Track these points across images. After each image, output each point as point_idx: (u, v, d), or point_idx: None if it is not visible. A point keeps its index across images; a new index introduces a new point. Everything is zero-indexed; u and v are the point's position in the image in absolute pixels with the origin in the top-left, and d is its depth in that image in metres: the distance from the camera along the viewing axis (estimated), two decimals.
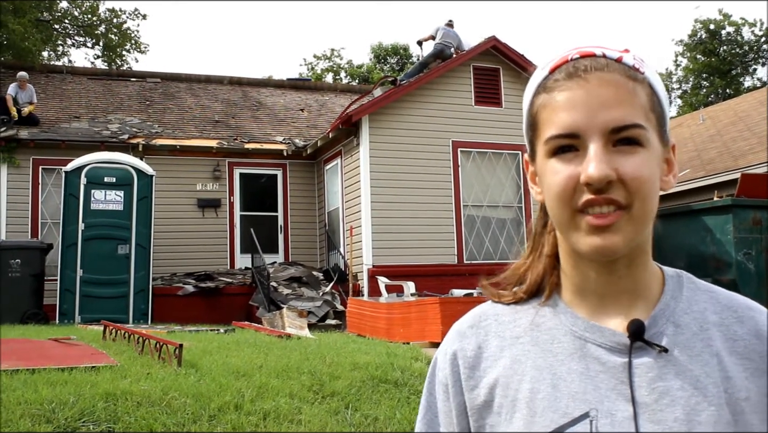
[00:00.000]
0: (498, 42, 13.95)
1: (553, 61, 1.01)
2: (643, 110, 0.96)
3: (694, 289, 1.05)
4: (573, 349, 1.01)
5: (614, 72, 0.97)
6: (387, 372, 5.74)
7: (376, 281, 12.22)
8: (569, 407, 0.96)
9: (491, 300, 1.13)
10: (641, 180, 0.94)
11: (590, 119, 0.94)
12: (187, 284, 13.03)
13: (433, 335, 8.16)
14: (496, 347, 1.06)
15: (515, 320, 1.08)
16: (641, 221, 0.96)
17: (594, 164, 0.93)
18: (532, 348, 1.03)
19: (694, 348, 0.98)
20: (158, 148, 14.52)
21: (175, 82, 18.75)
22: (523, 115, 1.08)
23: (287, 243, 15.35)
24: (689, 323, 1.00)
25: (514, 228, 13.83)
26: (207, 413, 4.44)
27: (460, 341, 1.10)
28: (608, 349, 0.99)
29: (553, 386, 0.99)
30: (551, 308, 1.06)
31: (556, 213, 0.99)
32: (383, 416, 4.79)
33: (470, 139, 13.66)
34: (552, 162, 0.98)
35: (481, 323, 1.10)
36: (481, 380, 1.05)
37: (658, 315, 1.00)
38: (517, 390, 1.01)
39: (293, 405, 4.77)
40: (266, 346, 7.08)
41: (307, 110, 18.45)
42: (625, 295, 1.02)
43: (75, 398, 4.36)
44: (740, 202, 8.87)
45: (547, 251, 1.10)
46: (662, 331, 0.99)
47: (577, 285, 1.04)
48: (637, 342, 0.97)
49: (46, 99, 15.99)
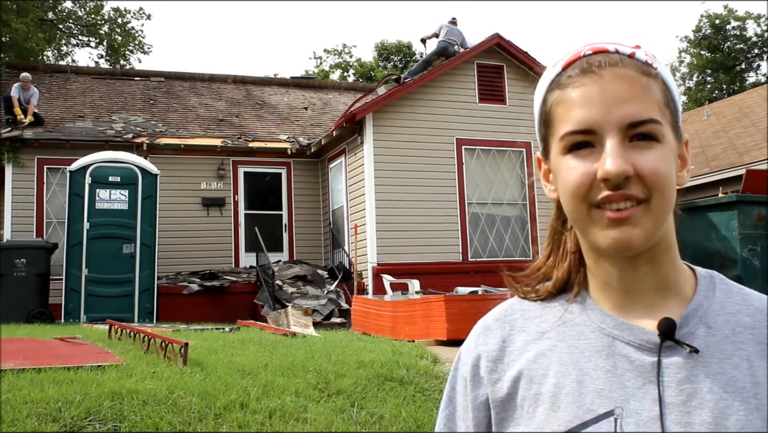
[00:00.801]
0: (502, 39, 13.93)
1: (566, 58, 1.01)
2: (657, 105, 0.96)
3: (726, 290, 1.03)
4: (601, 346, 1.00)
5: (628, 67, 0.96)
6: (392, 370, 5.74)
7: (381, 279, 12.21)
8: (594, 403, 0.95)
9: (518, 297, 1.12)
10: (659, 175, 0.93)
11: (606, 115, 0.94)
12: (192, 282, 13.05)
13: (439, 332, 8.16)
14: (522, 341, 1.06)
15: (542, 315, 1.07)
16: (660, 214, 0.95)
17: (611, 160, 0.92)
18: (559, 343, 1.02)
19: (725, 351, 0.96)
20: (162, 148, 14.53)
21: (179, 81, 18.76)
22: (535, 113, 1.07)
23: (292, 241, 15.36)
24: (721, 325, 0.98)
25: (519, 226, 13.82)
26: (213, 411, 4.45)
27: (485, 335, 1.09)
28: (637, 347, 0.97)
29: (579, 381, 0.98)
30: (579, 305, 1.05)
31: (572, 209, 0.98)
32: (389, 414, 4.79)
33: (474, 137, 13.65)
34: (567, 159, 0.97)
35: (508, 317, 1.10)
36: (504, 373, 1.04)
37: (690, 315, 0.99)
38: (541, 384, 1.00)
39: (299, 403, 4.78)
40: (271, 344, 7.08)
41: (311, 109, 18.45)
42: (651, 292, 1.00)
43: (81, 397, 4.37)
44: (745, 199, 8.85)
45: (570, 248, 1.09)
46: (693, 331, 0.97)
47: (601, 282, 1.03)
48: (667, 341, 0.96)
49: (50, 99, 16.02)
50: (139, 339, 6.73)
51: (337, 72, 39.91)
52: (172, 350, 5.79)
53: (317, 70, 39.49)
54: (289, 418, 4.52)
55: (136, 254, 11.88)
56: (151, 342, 6.30)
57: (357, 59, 40.54)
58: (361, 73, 38.29)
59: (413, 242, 12.90)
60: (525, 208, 13.88)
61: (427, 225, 13.04)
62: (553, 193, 1.05)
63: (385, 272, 12.30)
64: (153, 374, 5.15)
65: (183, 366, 5.45)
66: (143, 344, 6.46)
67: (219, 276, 13.56)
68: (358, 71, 39.02)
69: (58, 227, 13.40)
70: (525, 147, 13.87)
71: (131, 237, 11.90)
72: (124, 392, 4.53)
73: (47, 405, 4.23)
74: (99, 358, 5.80)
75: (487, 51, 14.02)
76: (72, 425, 4.07)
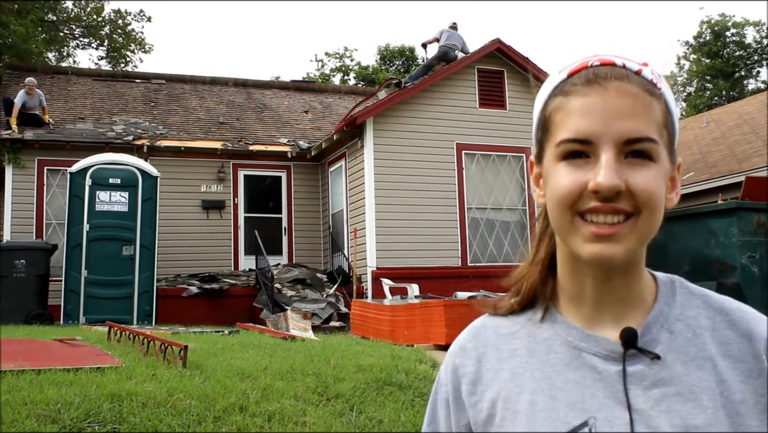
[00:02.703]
0: (502, 44, 13.96)
1: (572, 66, 1.01)
2: (657, 126, 0.97)
3: (687, 294, 1.05)
4: (569, 359, 1.01)
5: (633, 84, 0.96)
6: (391, 375, 5.74)
7: (380, 283, 12.22)
8: (568, 416, 0.97)
9: (489, 313, 1.14)
10: (650, 193, 0.94)
11: (605, 128, 0.94)
12: (192, 285, 13.05)
13: (438, 337, 8.17)
14: (495, 360, 1.07)
15: (513, 332, 1.09)
16: (645, 232, 0.96)
17: (604, 173, 0.92)
18: (530, 360, 1.04)
19: (688, 354, 0.98)
20: (163, 150, 14.55)
21: (180, 83, 18.78)
22: (535, 116, 1.07)
23: (291, 245, 15.36)
24: (682, 329, 1.00)
25: (518, 231, 13.83)
26: (212, 414, 4.45)
27: (461, 357, 1.11)
28: (603, 357, 0.99)
29: (551, 396, 0.99)
30: (547, 318, 1.07)
31: (557, 216, 0.98)
32: (388, 418, 4.80)
33: (474, 142, 13.66)
34: (561, 166, 0.98)
35: (480, 335, 1.11)
36: (483, 394, 1.05)
37: (652, 322, 1.01)
38: (517, 402, 1.01)
39: (298, 407, 4.78)
40: (270, 348, 7.09)
41: (311, 112, 18.47)
42: (620, 304, 1.02)
43: (80, 398, 4.38)
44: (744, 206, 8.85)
45: (541, 257, 1.10)
46: (656, 338, 1.00)
47: (572, 293, 1.04)
48: (630, 350, 0.98)
49: (51, 100, 16.01)
50: (138, 341, 6.74)
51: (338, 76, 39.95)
52: (172, 352, 5.80)
53: (318, 74, 39.53)
54: (288, 421, 4.53)
55: (136, 256, 11.88)
56: (150, 344, 6.31)
57: (357, 63, 40.60)
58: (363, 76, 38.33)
59: (413, 247, 12.91)
60: (524, 214, 13.90)
61: (427, 229, 13.05)
62: (541, 198, 1.06)
63: (385, 276, 12.30)
64: (152, 376, 5.15)
65: (182, 369, 5.45)
66: (142, 346, 6.47)
67: (218, 279, 13.56)
68: (359, 75, 39.07)
69: (58, 229, 13.41)
70: (525, 152, 13.89)
71: (131, 239, 11.90)
72: (123, 394, 4.53)
73: (47, 406, 4.24)
74: (98, 360, 5.81)
75: (488, 56, 14.04)
76: (71, 427, 4.07)
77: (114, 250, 11.79)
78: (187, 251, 14.34)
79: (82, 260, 11.61)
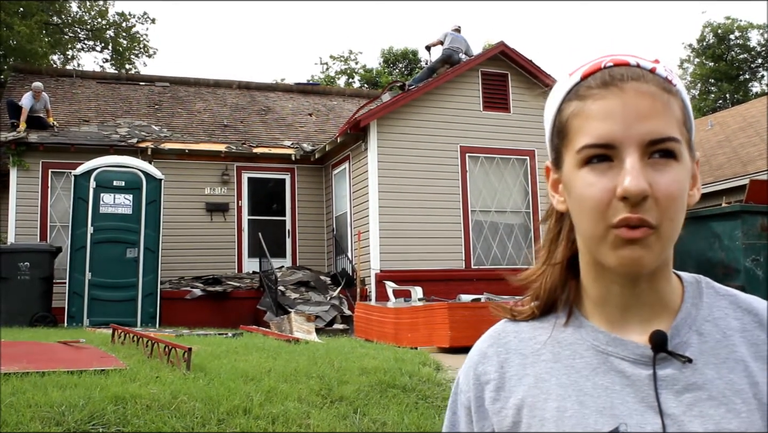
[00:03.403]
0: (506, 47, 13.96)
1: (585, 68, 0.99)
2: (677, 123, 0.95)
3: (713, 294, 1.03)
4: (596, 363, 0.99)
5: (650, 83, 0.95)
6: (395, 377, 5.74)
7: (384, 285, 12.22)
8: (598, 422, 0.95)
9: (508, 319, 1.11)
10: (673, 197, 0.92)
11: (627, 130, 0.92)
12: (195, 287, 13.06)
13: (441, 340, 8.16)
14: (519, 365, 1.05)
15: (535, 336, 1.06)
16: (669, 239, 0.94)
17: (630, 178, 0.90)
18: (555, 365, 1.02)
19: (718, 356, 0.96)
20: (167, 152, 14.57)
21: (183, 86, 18.80)
22: (547, 121, 1.05)
23: (295, 247, 15.37)
24: (712, 331, 0.99)
25: (522, 234, 13.81)
26: (216, 416, 4.46)
27: (483, 363, 1.08)
28: (632, 362, 0.97)
29: (580, 402, 0.97)
30: (571, 322, 1.05)
31: (588, 226, 0.96)
32: (391, 421, 4.80)
33: (478, 145, 13.66)
34: (584, 173, 0.95)
35: (501, 340, 1.09)
36: (507, 401, 1.03)
37: (680, 324, 0.99)
38: (543, 409, 0.99)
39: (302, 409, 4.78)
40: (274, 350, 7.09)
41: (315, 115, 18.48)
42: (646, 307, 1.00)
43: (84, 401, 4.38)
44: (749, 208, 8.84)
45: (558, 259, 1.07)
46: (686, 340, 0.98)
47: (597, 297, 1.02)
48: (660, 353, 0.96)
49: (56, 103, 16.05)
50: (142, 344, 6.75)
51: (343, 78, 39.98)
52: (176, 354, 5.80)
53: (323, 76, 39.57)
54: (292, 424, 4.53)
55: (140, 258, 11.90)
56: (154, 347, 6.31)
57: (362, 66, 40.64)
58: (367, 79, 38.36)
59: (416, 249, 12.90)
60: (528, 216, 13.89)
61: (430, 232, 13.05)
62: (562, 205, 1.03)
63: (388, 279, 12.30)
64: (156, 378, 5.16)
65: (186, 371, 5.46)
66: (146, 349, 6.47)
67: (222, 281, 13.57)
68: (363, 77, 39.10)
69: (62, 231, 13.43)
70: (529, 155, 13.89)
71: (135, 241, 11.93)
72: (127, 396, 4.54)
73: (51, 409, 4.24)
74: (102, 362, 5.81)
75: (492, 59, 14.05)
76: (75, 429, 4.08)
77: (118, 252, 11.81)
78: (190, 253, 14.35)
79: (86, 263, 11.63)
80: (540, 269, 1.10)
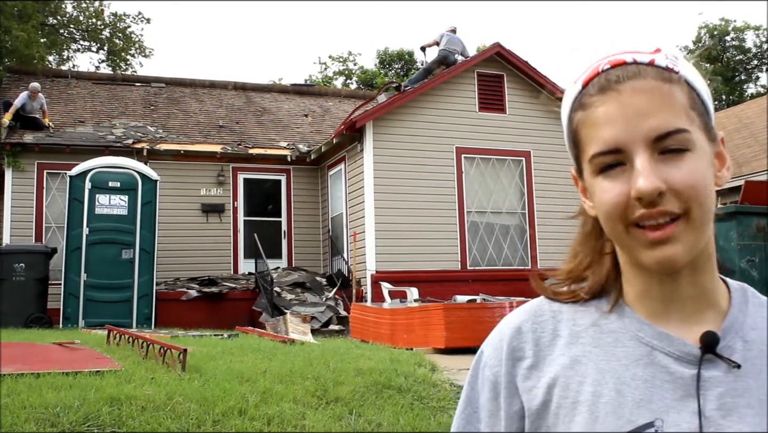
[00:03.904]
0: (502, 48, 13.98)
1: (585, 74, 0.99)
2: (684, 111, 0.94)
3: (758, 304, 1.02)
4: (639, 355, 0.98)
5: (647, 78, 0.94)
6: (390, 378, 5.74)
7: (380, 286, 12.22)
8: (633, 414, 0.93)
9: (546, 297, 1.09)
10: (694, 186, 0.91)
11: (630, 131, 0.92)
12: (191, 288, 13.04)
13: (437, 341, 8.17)
14: (554, 345, 1.03)
15: (574, 318, 1.05)
16: (700, 225, 0.93)
17: (642, 178, 0.90)
18: (594, 349, 1.00)
19: (761, 366, 0.95)
20: (162, 153, 14.56)
21: (179, 87, 18.78)
22: (564, 130, 1.05)
23: (291, 248, 15.37)
24: (756, 340, 0.97)
25: (518, 234, 13.83)
26: (211, 417, 4.45)
27: (517, 339, 1.05)
28: (676, 358, 0.96)
29: (617, 391, 0.96)
30: (615, 310, 1.03)
31: (610, 230, 0.97)
32: (387, 421, 4.80)
33: (474, 146, 13.67)
34: (599, 180, 0.96)
35: (538, 318, 1.06)
36: (539, 379, 1.01)
37: (728, 329, 0.97)
38: (578, 392, 0.98)
39: (297, 410, 4.78)
40: (270, 351, 7.09)
41: (311, 116, 18.48)
42: (689, 301, 0.99)
43: (79, 402, 4.38)
44: (744, 210, 8.85)
45: (609, 250, 1.06)
46: (731, 345, 0.96)
47: (639, 290, 1.01)
48: (707, 354, 0.95)
49: (51, 104, 16.01)
50: (137, 345, 6.74)
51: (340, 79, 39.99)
52: (171, 356, 5.80)
53: (321, 77, 39.57)
54: (287, 425, 4.53)
55: (135, 259, 11.89)
56: (149, 348, 6.30)
57: (360, 67, 40.64)
58: (363, 80, 38.37)
59: (412, 250, 12.91)
60: (524, 217, 13.90)
61: (426, 233, 13.05)
62: (592, 211, 1.03)
63: (384, 280, 12.30)
64: (151, 379, 5.15)
65: (182, 372, 5.45)
66: (142, 350, 6.47)
67: (218, 282, 13.56)
68: (360, 78, 39.11)
69: (58, 232, 13.41)
70: (524, 156, 13.91)
71: (130, 242, 11.91)
72: (122, 397, 4.53)
73: (46, 410, 4.24)
74: (97, 363, 5.81)
75: (488, 60, 14.06)
76: (70, 431, 4.07)
77: (113, 253, 11.80)
78: (186, 254, 14.34)
79: (82, 264, 11.62)
80: (584, 262, 1.08)
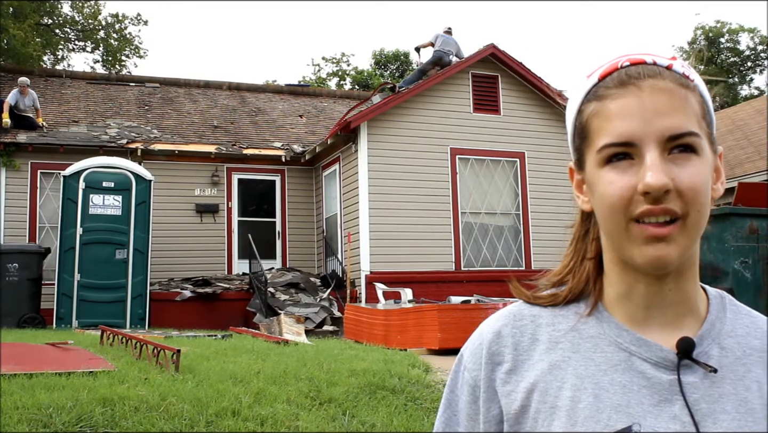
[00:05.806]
0: (497, 50, 13.99)
1: (602, 69, 1.00)
2: (696, 118, 0.96)
3: (736, 312, 1.04)
4: (617, 360, 0.99)
5: (667, 79, 0.96)
6: (384, 379, 5.74)
7: (374, 287, 12.22)
8: (611, 419, 0.94)
9: (525, 301, 1.10)
10: (697, 190, 0.93)
11: (646, 127, 0.93)
12: (185, 289, 13.02)
13: (431, 342, 8.17)
14: (533, 350, 1.03)
15: (554, 323, 1.05)
16: (695, 231, 0.94)
17: (652, 173, 0.91)
18: (573, 355, 1.01)
19: (737, 372, 0.97)
20: (157, 153, 14.53)
21: (174, 87, 18.76)
22: (569, 124, 1.05)
23: (285, 249, 15.35)
24: (733, 347, 0.99)
25: (512, 235, 13.85)
26: (204, 418, 4.45)
27: (496, 343, 1.05)
28: (654, 364, 0.97)
29: (596, 396, 0.96)
30: (593, 314, 1.04)
31: (610, 223, 0.97)
32: (380, 422, 4.80)
33: (468, 147, 13.68)
34: (605, 171, 0.97)
35: (517, 322, 1.07)
36: (518, 384, 1.02)
37: (705, 335, 0.99)
38: (556, 397, 0.98)
39: (291, 411, 4.78)
40: (264, 352, 7.08)
41: (305, 116, 18.48)
42: (671, 308, 1.00)
43: (72, 402, 4.37)
44: (737, 211, 8.88)
45: (589, 255, 1.08)
46: (708, 351, 0.98)
47: (621, 294, 1.02)
48: (684, 360, 0.96)
49: (45, 103, 15.99)
50: (131, 345, 6.72)
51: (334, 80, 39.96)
52: (165, 356, 5.79)
53: (315, 78, 39.54)
54: (281, 426, 4.53)
55: (129, 259, 11.86)
56: (143, 348, 6.29)
57: (354, 67, 40.63)
58: (358, 81, 38.36)
59: (406, 251, 12.91)
60: (518, 218, 13.92)
61: (421, 234, 13.06)
62: (586, 205, 1.04)
63: (378, 281, 12.31)
64: (145, 380, 5.14)
65: (175, 373, 5.44)
66: (135, 351, 6.45)
67: (212, 283, 13.54)
68: (355, 79, 39.10)
69: (51, 232, 13.38)
70: (519, 157, 13.93)
71: (124, 243, 11.89)
72: (115, 398, 4.52)
73: (38, 411, 4.22)
74: (91, 364, 5.79)
75: (482, 61, 14.08)
76: (63, 431, 4.06)
77: (107, 253, 11.77)
78: (180, 254, 14.31)
79: (75, 264, 11.59)
80: (568, 266, 1.10)
